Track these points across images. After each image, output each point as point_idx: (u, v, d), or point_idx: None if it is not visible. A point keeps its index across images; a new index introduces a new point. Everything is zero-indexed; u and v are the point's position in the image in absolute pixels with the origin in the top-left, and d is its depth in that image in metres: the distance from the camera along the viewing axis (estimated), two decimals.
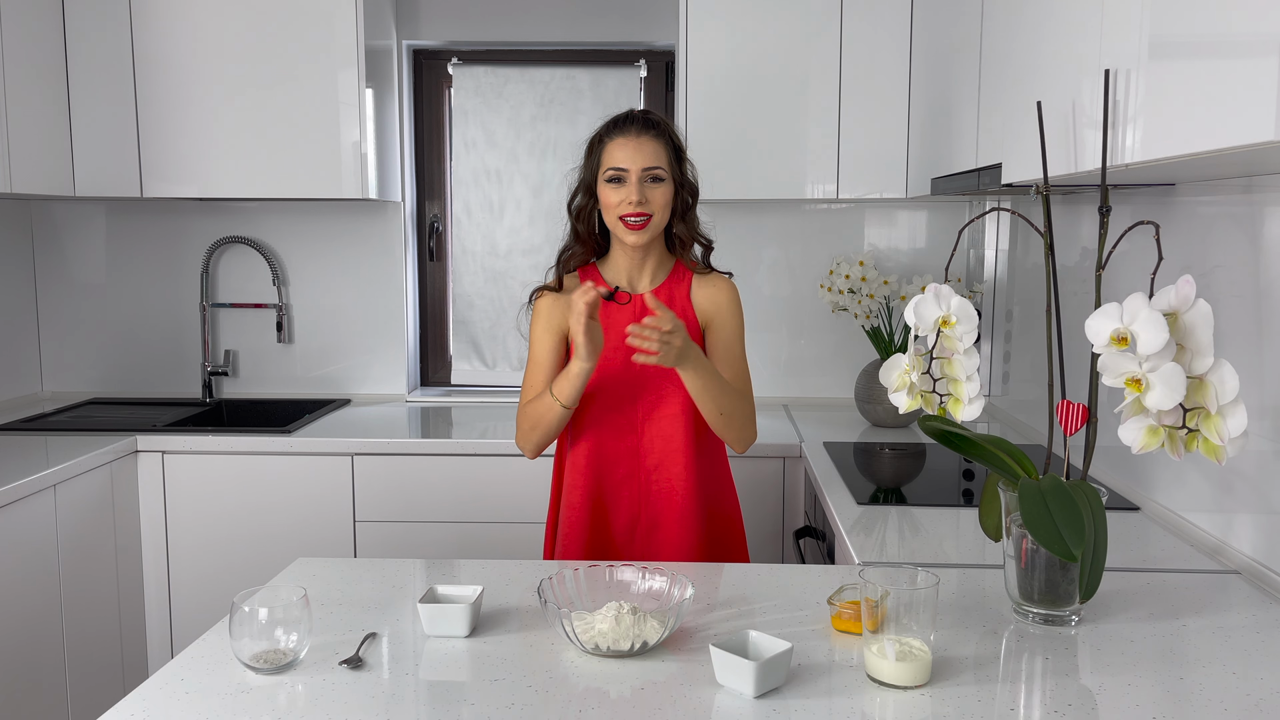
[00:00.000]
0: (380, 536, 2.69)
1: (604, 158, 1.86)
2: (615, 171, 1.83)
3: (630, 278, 1.94)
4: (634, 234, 1.84)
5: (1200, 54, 1.23)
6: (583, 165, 1.92)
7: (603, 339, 1.81)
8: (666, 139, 1.87)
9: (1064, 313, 1.44)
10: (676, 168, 1.88)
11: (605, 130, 1.89)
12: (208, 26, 2.82)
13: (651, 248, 1.92)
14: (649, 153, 1.83)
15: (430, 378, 3.48)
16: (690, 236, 1.93)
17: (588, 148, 1.92)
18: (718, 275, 1.96)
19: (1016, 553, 1.42)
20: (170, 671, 1.27)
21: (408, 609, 1.47)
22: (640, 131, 1.85)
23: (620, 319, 1.91)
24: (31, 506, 2.28)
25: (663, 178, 1.84)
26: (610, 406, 1.92)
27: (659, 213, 1.85)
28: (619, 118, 1.90)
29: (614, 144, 1.85)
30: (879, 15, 2.77)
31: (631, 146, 1.83)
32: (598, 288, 1.77)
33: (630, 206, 1.82)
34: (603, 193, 1.86)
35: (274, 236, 3.23)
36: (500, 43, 3.24)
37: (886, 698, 1.19)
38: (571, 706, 1.17)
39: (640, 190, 1.82)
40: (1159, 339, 1.23)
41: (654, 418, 1.92)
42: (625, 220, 1.84)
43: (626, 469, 1.93)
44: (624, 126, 1.86)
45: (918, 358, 1.43)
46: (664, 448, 1.91)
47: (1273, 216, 1.56)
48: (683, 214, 1.91)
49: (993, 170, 1.96)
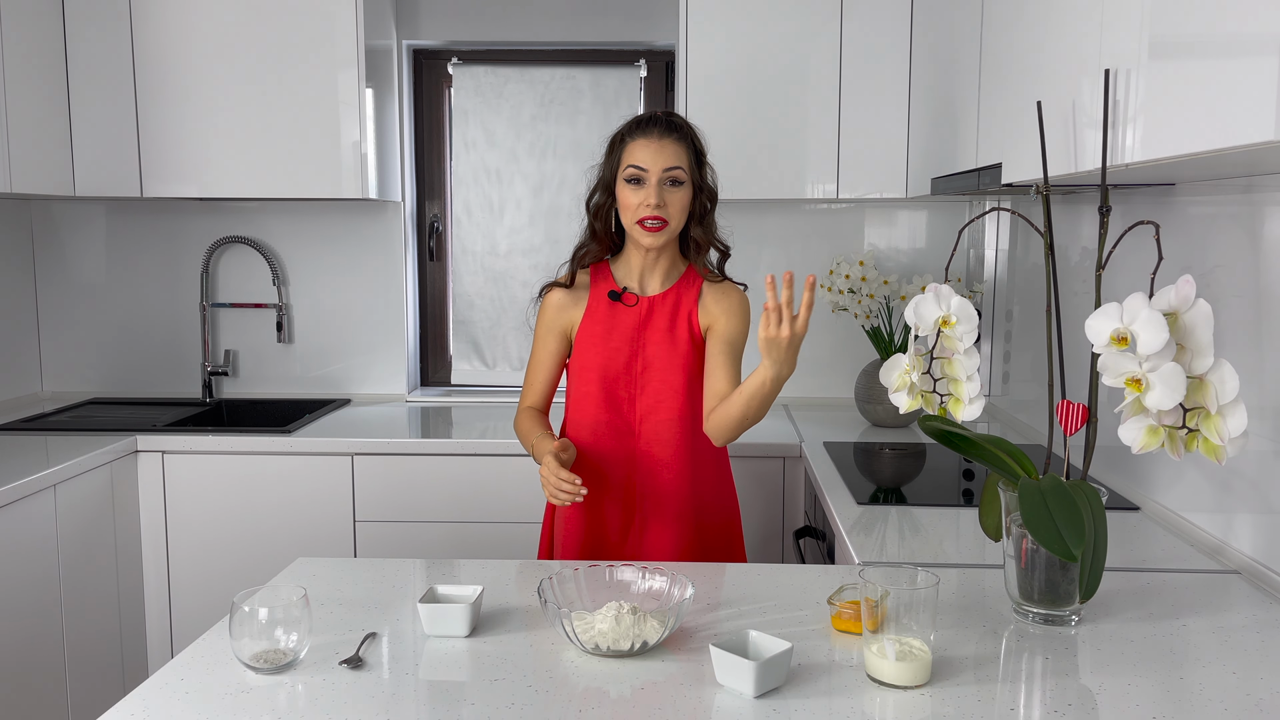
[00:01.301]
0: (380, 536, 2.69)
1: (624, 156, 1.85)
2: (635, 171, 1.82)
3: (641, 278, 1.93)
4: (650, 236, 1.83)
5: (1200, 54, 1.23)
6: (602, 163, 1.91)
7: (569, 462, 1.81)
8: (688, 142, 1.86)
9: (1064, 313, 1.44)
10: (696, 171, 1.86)
11: (628, 129, 1.87)
12: (208, 26, 2.82)
13: (665, 250, 1.91)
14: (670, 154, 1.82)
15: (430, 378, 3.48)
16: (707, 241, 1.92)
17: (609, 146, 1.90)
18: (731, 286, 1.93)
19: (1016, 553, 1.42)
20: (170, 671, 1.27)
21: (408, 609, 1.47)
22: (663, 133, 1.83)
23: (626, 319, 1.91)
24: (31, 506, 2.28)
25: (682, 180, 1.83)
26: (609, 408, 1.91)
27: (676, 217, 1.84)
28: (642, 118, 1.88)
29: (635, 144, 1.84)
30: (879, 15, 2.77)
31: (654, 147, 1.82)
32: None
33: (648, 209, 1.81)
34: (621, 193, 1.85)
35: (274, 236, 3.23)
36: (500, 43, 3.24)
37: (886, 698, 1.19)
38: (571, 706, 1.17)
39: (659, 193, 1.81)
40: (1159, 339, 1.23)
41: (651, 421, 1.91)
42: (643, 223, 1.82)
43: (623, 471, 1.93)
44: (647, 127, 1.85)
45: (918, 358, 1.43)
46: (660, 450, 1.91)
47: (1273, 216, 1.56)
48: (700, 218, 1.89)
49: (993, 170, 1.96)
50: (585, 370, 1.92)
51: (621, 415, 1.92)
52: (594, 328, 1.92)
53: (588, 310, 1.93)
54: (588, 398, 1.92)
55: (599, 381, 1.91)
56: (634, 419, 1.92)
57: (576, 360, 1.94)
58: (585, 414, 1.93)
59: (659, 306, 1.92)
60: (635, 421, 1.92)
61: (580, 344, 1.93)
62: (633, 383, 1.91)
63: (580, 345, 1.93)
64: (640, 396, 1.91)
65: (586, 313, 1.93)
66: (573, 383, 1.96)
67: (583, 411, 1.93)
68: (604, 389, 1.91)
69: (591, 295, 1.94)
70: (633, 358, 1.91)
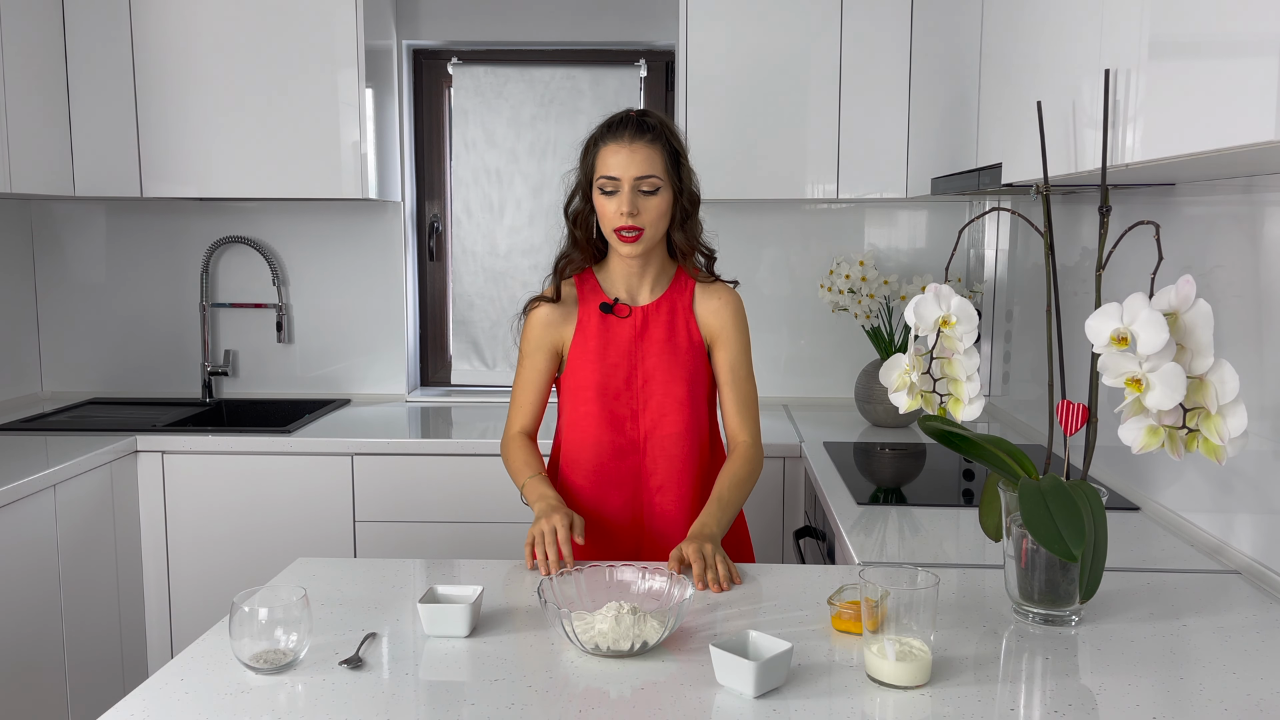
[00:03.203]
0: (380, 536, 2.69)
1: (597, 164, 1.75)
2: (607, 180, 1.73)
3: (629, 287, 1.84)
4: (627, 246, 1.74)
5: (1200, 54, 1.23)
6: (578, 168, 1.81)
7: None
8: (663, 143, 1.75)
9: (1064, 313, 1.44)
10: (674, 174, 1.76)
11: (600, 134, 1.77)
12: (208, 27, 2.82)
13: (652, 257, 1.82)
14: (641, 161, 1.71)
15: (430, 378, 3.47)
16: (690, 246, 1.82)
17: (583, 150, 1.80)
18: (721, 285, 1.85)
19: (1016, 553, 1.42)
20: (170, 671, 1.27)
21: (408, 609, 1.47)
22: (634, 137, 1.72)
23: (621, 332, 1.82)
24: (31, 506, 2.27)
25: (658, 187, 1.73)
26: (610, 427, 1.82)
27: (653, 225, 1.74)
28: (614, 120, 1.77)
29: (607, 149, 1.74)
30: (879, 15, 2.77)
31: (624, 154, 1.72)
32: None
33: (622, 219, 1.72)
34: (597, 201, 1.76)
35: (274, 236, 3.22)
36: (500, 43, 3.24)
37: (886, 698, 1.19)
38: (571, 706, 1.17)
39: (633, 201, 1.71)
40: (1159, 339, 1.23)
41: (656, 437, 1.82)
42: (619, 233, 1.74)
43: (629, 493, 1.84)
44: (618, 131, 1.74)
45: (918, 358, 1.43)
46: (667, 467, 1.83)
47: (1273, 216, 1.56)
48: (681, 222, 1.80)
49: (993, 170, 1.96)
50: (582, 389, 1.82)
51: (624, 434, 1.82)
52: (588, 343, 1.82)
53: (579, 325, 1.83)
54: (587, 418, 1.82)
55: (598, 400, 1.81)
56: (638, 436, 1.83)
57: (571, 379, 1.84)
58: (585, 434, 1.83)
59: (654, 316, 1.83)
60: (640, 439, 1.83)
61: (574, 361, 1.83)
62: (634, 398, 1.81)
63: (574, 363, 1.83)
64: (643, 412, 1.82)
65: (578, 328, 1.83)
66: (568, 403, 1.86)
67: (582, 432, 1.83)
68: (604, 407, 1.81)
69: (581, 309, 1.83)
70: (632, 372, 1.82)
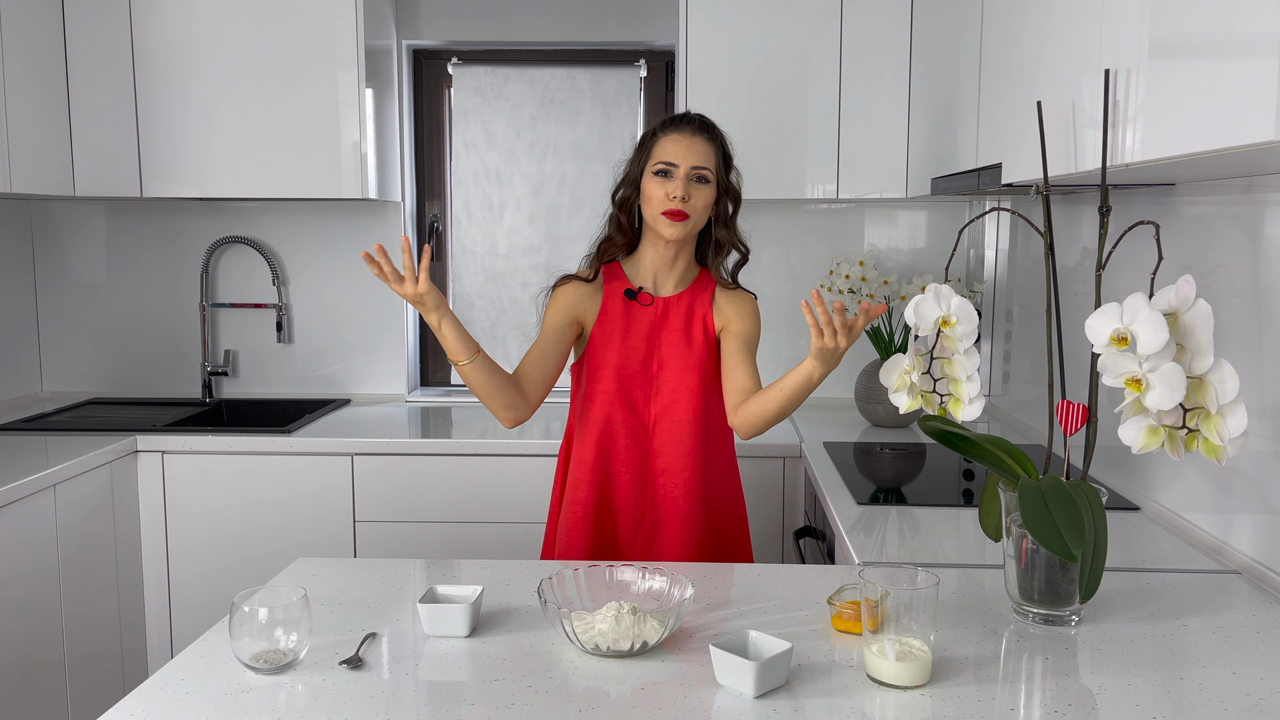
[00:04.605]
0: (380, 536, 2.69)
1: (655, 151, 1.87)
2: (664, 165, 1.84)
3: (656, 277, 1.95)
4: (672, 227, 1.85)
5: (1200, 54, 1.23)
6: (631, 159, 1.93)
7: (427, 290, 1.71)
8: (718, 144, 1.90)
9: (1064, 313, 1.44)
10: (723, 173, 1.90)
11: (660, 125, 1.91)
12: (208, 26, 2.82)
13: (682, 250, 1.93)
14: (699, 152, 1.85)
15: (430, 378, 3.48)
16: (730, 242, 1.94)
17: (640, 141, 1.93)
18: (743, 292, 1.97)
19: (1016, 553, 1.42)
20: (170, 671, 1.27)
21: (408, 609, 1.47)
22: (695, 131, 1.87)
23: (642, 318, 1.93)
24: (31, 506, 2.28)
25: (709, 179, 1.86)
26: (623, 406, 1.92)
27: (698, 212, 1.86)
28: (676, 115, 1.92)
29: (667, 139, 1.87)
30: (879, 15, 2.77)
31: (684, 143, 1.85)
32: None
33: (674, 202, 1.83)
34: (647, 185, 1.87)
35: (274, 236, 3.23)
36: (500, 43, 3.24)
37: (886, 698, 1.19)
38: (571, 706, 1.17)
39: (685, 187, 1.83)
40: (1159, 339, 1.23)
41: (665, 421, 1.92)
42: (666, 215, 1.84)
43: (635, 470, 1.93)
44: (679, 124, 1.89)
45: (918, 358, 1.43)
46: (674, 451, 1.92)
47: (1273, 216, 1.56)
48: (725, 220, 1.93)
49: (993, 170, 1.96)
50: (600, 367, 1.92)
51: (636, 414, 1.93)
52: (610, 325, 1.92)
53: (603, 308, 1.93)
54: (603, 395, 1.92)
55: (615, 379, 1.91)
56: (649, 418, 1.93)
57: (592, 357, 1.94)
58: (599, 410, 1.92)
59: (674, 308, 1.93)
60: (650, 421, 1.93)
61: (596, 340, 1.93)
62: (649, 382, 1.92)
63: (596, 341, 1.93)
64: (656, 396, 1.93)
65: (602, 310, 1.93)
66: (587, 380, 1.95)
67: (597, 408, 1.93)
68: (619, 386, 1.92)
69: (606, 292, 1.94)
70: (649, 357, 1.93)
